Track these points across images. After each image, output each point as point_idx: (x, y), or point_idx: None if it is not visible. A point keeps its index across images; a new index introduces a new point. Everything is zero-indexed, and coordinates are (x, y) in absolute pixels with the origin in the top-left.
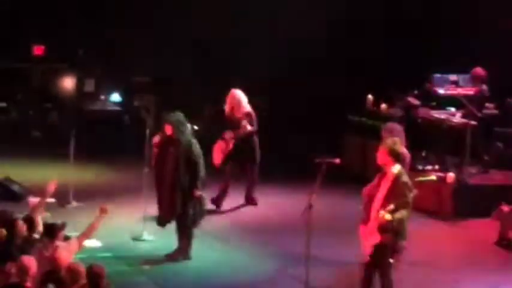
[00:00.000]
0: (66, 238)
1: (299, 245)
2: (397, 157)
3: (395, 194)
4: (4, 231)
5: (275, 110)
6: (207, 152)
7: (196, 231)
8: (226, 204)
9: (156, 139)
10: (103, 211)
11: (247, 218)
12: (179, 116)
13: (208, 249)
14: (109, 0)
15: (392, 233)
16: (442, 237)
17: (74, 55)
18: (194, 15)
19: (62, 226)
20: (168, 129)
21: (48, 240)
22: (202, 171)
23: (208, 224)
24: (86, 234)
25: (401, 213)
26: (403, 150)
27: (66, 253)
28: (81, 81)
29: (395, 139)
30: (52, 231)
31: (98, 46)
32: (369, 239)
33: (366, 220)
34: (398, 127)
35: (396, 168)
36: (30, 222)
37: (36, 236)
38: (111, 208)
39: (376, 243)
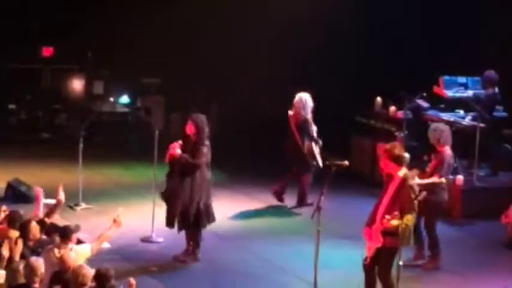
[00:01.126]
0: (79, 242)
1: (308, 246)
2: (399, 161)
3: (401, 197)
4: (16, 232)
5: (282, 111)
6: (219, 153)
7: (205, 233)
8: (234, 207)
9: (177, 150)
10: (117, 224)
11: (256, 219)
12: (203, 118)
13: (216, 251)
14: (118, 2)
15: (396, 236)
16: (451, 239)
17: (83, 57)
18: (195, 17)
19: (76, 228)
20: (190, 129)
21: (62, 242)
22: (207, 178)
23: (217, 226)
24: (99, 241)
25: (407, 218)
26: (404, 152)
27: (76, 255)
28: (90, 82)
29: (395, 143)
30: (67, 233)
31: (107, 48)
32: (372, 241)
33: (370, 222)
34: (442, 126)
35: (402, 172)
36: (42, 224)
37: (44, 237)
38: (120, 210)
39: (379, 246)
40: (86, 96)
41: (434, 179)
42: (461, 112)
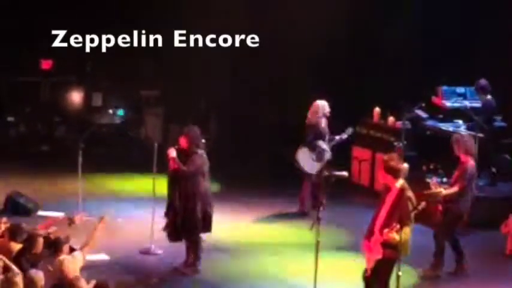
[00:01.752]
0: (72, 250)
1: (307, 257)
2: (395, 173)
3: (400, 209)
4: (17, 245)
5: (283, 120)
6: (219, 163)
7: (205, 245)
8: (234, 218)
9: (172, 152)
10: (102, 220)
11: (255, 230)
12: (195, 130)
13: (216, 262)
14: (118, 14)
15: (395, 248)
16: (451, 249)
17: (81, 69)
18: (194, 24)
19: (66, 239)
20: (183, 143)
21: (53, 255)
22: (201, 186)
23: (216, 237)
24: (89, 245)
25: (405, 232)
26: (401, 165)
27: (73, 266)
28: (89, 95)
29: (392, 155)
30: (57, 246)
31: (106, 60)
32: (371, 253)
33: (369, 235)
34: (465, 137)
35: (399, 183)
36: (45, 240)
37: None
38: (120, 222)
39: (379, 258)
40: (84, 108)
41: (450, 190)
42: (460, 122)
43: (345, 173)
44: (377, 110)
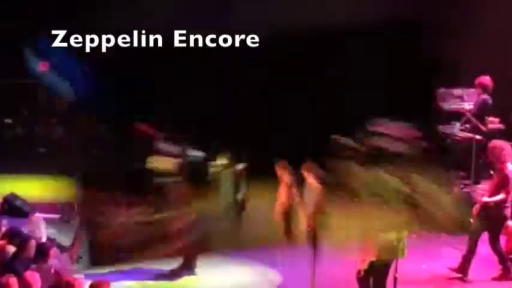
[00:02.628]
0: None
1: (304, 261)
2: None
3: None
4: (12, 248)
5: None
6: None
7: (202, 247)
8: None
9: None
10: None
11: (252, 234)
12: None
13: (213, 265)
14: (116, 15)
15: (390, 250)
16: (449, 252)
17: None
18: (193, 24)
19: (52, 243)
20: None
21: (42, 262)
22: None
23: (213, 240)
24: (76, 241)
25: (401, 233)
26: None
27: (68, 267)
28: None
29: None
30: (44, 252)
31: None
32: (366, 255)
33: (364, 236)
34: (503, 144)
35: None
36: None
37: None
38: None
39: (373, 260)
40: None
41: (496, 197)
42: (457, 124)
43: None
44: None
